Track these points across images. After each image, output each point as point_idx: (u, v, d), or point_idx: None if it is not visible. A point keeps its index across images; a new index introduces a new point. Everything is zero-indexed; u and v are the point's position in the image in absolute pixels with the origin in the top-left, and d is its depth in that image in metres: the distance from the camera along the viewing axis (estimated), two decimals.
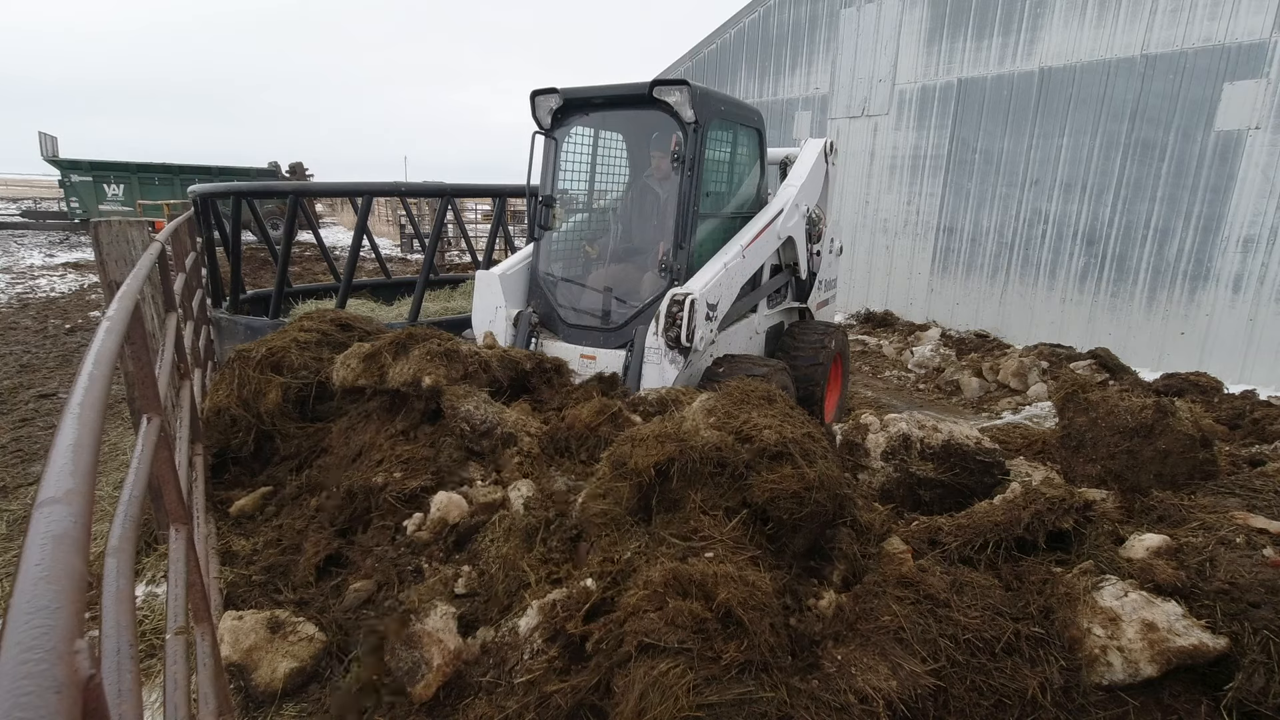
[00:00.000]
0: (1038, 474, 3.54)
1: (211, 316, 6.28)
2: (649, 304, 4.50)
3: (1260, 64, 6.97)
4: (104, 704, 0.58)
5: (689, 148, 4.37)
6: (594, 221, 5.45)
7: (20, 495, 4.54)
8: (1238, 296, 7.36)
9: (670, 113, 4.41)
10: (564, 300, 4.95)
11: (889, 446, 3.40)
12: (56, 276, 14.54)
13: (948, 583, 2.42)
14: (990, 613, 2.29)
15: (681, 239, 4.44)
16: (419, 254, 18.21)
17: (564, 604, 2.38)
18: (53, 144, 20.94)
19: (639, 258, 4.99)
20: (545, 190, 5.01)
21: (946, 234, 10.33)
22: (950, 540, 2.67)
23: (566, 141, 5.00)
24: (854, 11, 10.99)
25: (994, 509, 2.80)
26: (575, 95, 4.72)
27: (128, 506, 1.34)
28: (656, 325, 4.19)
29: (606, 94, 4.70)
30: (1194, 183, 7.58)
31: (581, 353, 4.59)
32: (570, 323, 4.84)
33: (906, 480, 3.32)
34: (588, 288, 4.99)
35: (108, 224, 3.15)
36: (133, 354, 1.88)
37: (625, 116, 5.04)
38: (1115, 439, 3.23)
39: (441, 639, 2.39)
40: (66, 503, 0.71)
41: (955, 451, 3.34)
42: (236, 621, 2.60)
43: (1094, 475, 3.28)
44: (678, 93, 4.31)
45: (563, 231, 5.23)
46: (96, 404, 0.98)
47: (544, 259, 5.08)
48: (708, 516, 2.50)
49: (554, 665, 2.22)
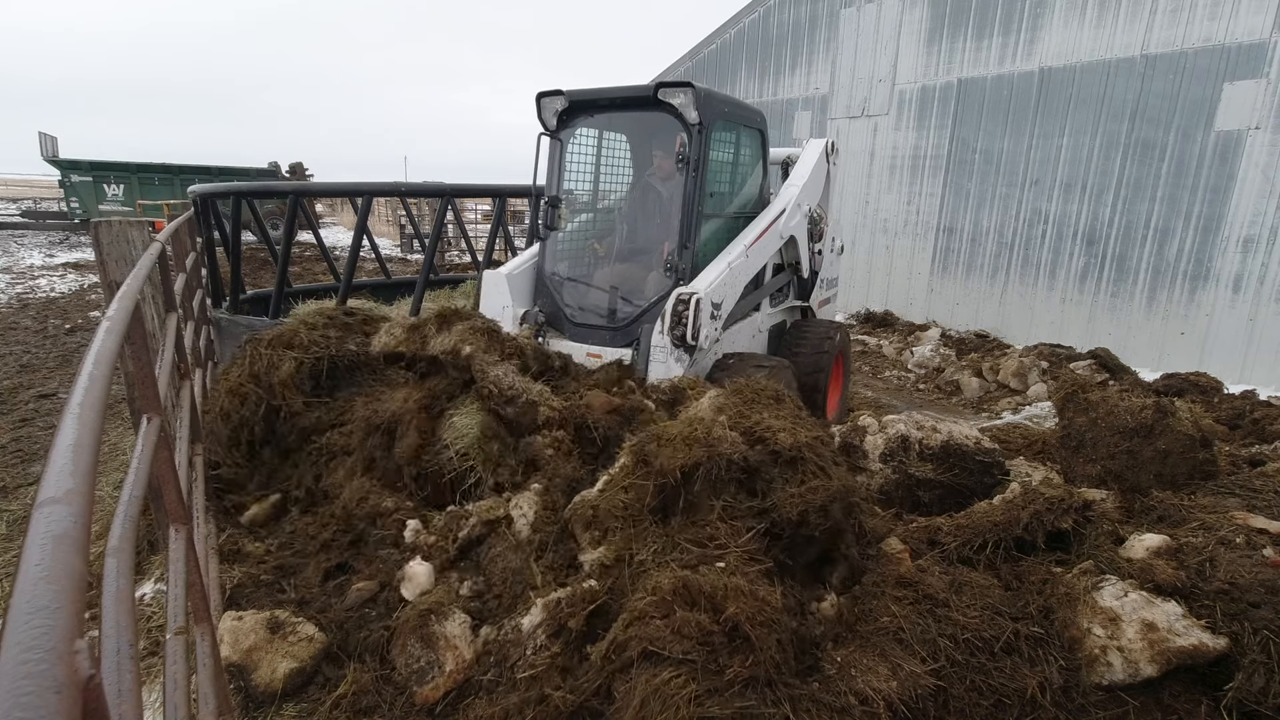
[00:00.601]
0: (1037, 474, 3.54)
1: (211, 316, 6.28)
2: (654, 303, 4.53)
3: (1260, 64, 6.97)
4: (104, 704, 0.58)
5: (693, 149, 4.41)
6: (599, 222, 5.48)
7: (20, 495, 4.54)
8: (1238, 296, 7.36)
9: (675, 114, 4.44)
10: (570, 299, 4.98)
11: (887, 448, 3.40)
12: (56, 276, 14.53)
13: (946, 583, 2.42)
14: (989, 612, 2.28)
15: (686, 238, 4.48)
16: (419, 254, 18.22)
17: (568, 601, 2.38)
18: (52, 144, 20.94)
19: (643, 257, 5.03)
20: (551, 191, 5.04)
21: (946, 234, 10.33)
22: (949, 540, 2.66)
23: (571, 142, 5.03)
24: (854, 11, 10.99)
25: (993, 509, 2.80)
26: (581, 97, 4.78)
27: (128, 506, 1.34)
28: (662, 324, 4.23)
29: (612, 96, 4.75)
30: (1194, 183, 7.58)
31: (588, 351, 4.61)
32: (576, 321, 4.86)
33: (905, 482, 3.31)
34: (593, 287, 5.01)
35: (108, 224, 3.16)
36: (133, 354, 1.88)
37: (630, 118, 5.07)
38: (1115, 439, 3.23)
39: (457, 646, 2.41)
40: (66, 503, 0.71)
41: (954, 452, 3.34)
42: (236, 622, 2.61)
43: (1094, 475, 3.28)
44: (682, 94, 4.35)
45: (568, 232, 5.26)
46: (96, 404, 0.98)
47: (549, 259, 5.10)
48: (725, 524, 2.49)
49: (556, 662, 2.22)
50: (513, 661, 2.33)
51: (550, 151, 5.00)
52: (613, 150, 5.37)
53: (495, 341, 3.74)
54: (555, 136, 4.95)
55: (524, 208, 19.56)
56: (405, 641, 2.46)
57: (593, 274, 5.13)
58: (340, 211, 32.63)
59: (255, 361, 3.89)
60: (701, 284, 4.30)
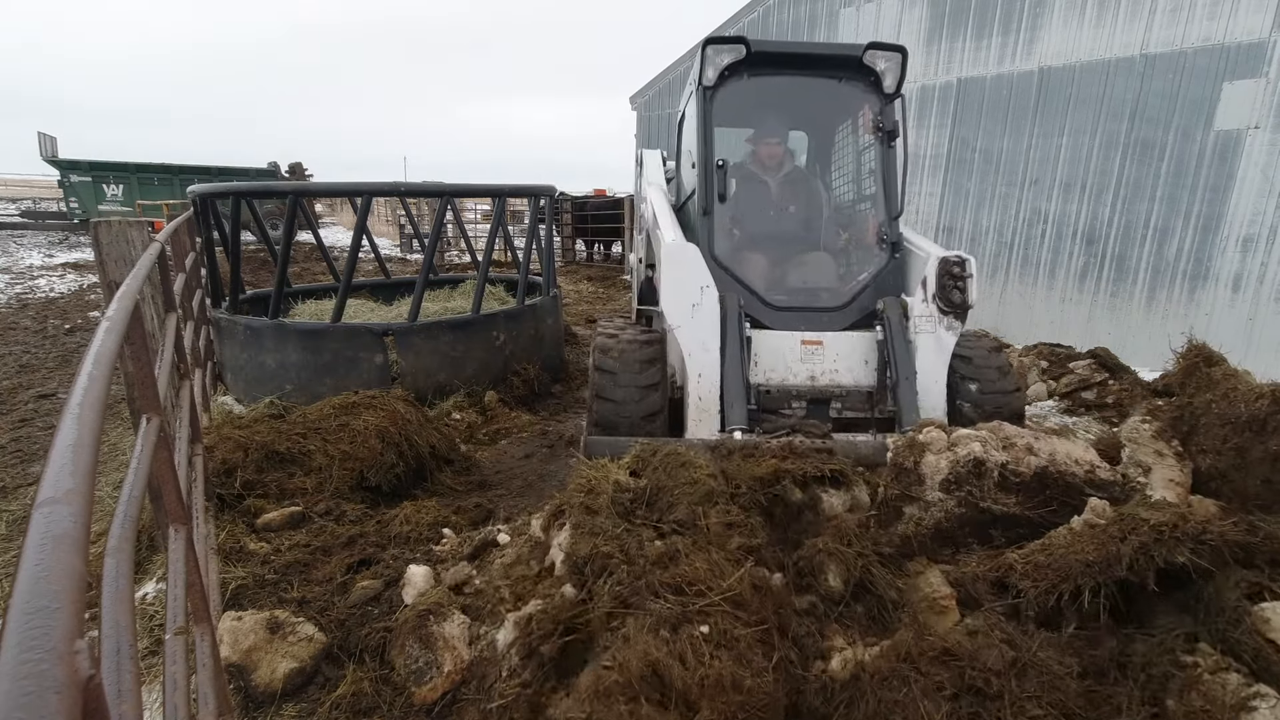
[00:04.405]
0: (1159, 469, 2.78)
1: (211, 316, 6.28)
2: (874, 277, 4.32)
3: (1260, 63, 6.97)
4: (104, 704, 0.58)
5: (892, 117, 4.36)
6: (749, 205, 4.81)
7: (20, 495, 4.54)
8: (1237, 296, 7.36)
9: (867, 81, 4.30)
10: (763, 280, 4.32)
11: (953, 474, 2.59)
12: (56, 277, 14.52)
13: (1006, 661, 1.74)
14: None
15: (895, 209, 4.44)
16: (418, 254, 18.21)
17: (538, 619, 2.20)
18: (52, 144, 20.92)
19: (834, 231, 4.75)
20: (711, 155, 4.33)
21: (946, 234, 10.32)
22: (1028, 585, 2.01)
23: (721, 102, 4.42)
24: (853, 11, 10.99)
25: (1077, 540, 2.12)
26: (766, 48, 4.26)
27: (127, 506, 1.34)
28: (924, 293, 3.96)
29: (803, 51, 4.41)
30: (1193, 182, 7.58)
31: (803, 339, 4.01)
32: (779, 306, 4.18)
33: (974, 518, 2.55)
34: (791, 265, 4.49)
35: (107, 224, 3.15)
36: (132, 354, 1.87)
37: (804, 83, 4.53)
38: (1225, 430, 2.67)
39: (456, 647, 2.39)
40: (66, 503, 0.71)
41: (1054, 483, 2.58)
42: (236, 622, 2.60)
43: (1203, 470, 2.75)
44: (886, 59, 4.19)
45: (734, 203, 4.53)
46: (96, 404, 0.98)
47: (721, 234, 4.37)
48: (705, 557, 2.07)
49: (525, 691, 2.09)
50: (490, 682, 2.21)
51: (700, 110, 4.36)
52: (765, 114, 4.85)
53: None
54: (714, 92, 4.31)
55: (523, 208, 19.55)
56: (404, 642, 2.46)
57: (782, 251, 4.58)
58: (340, 211, 32.62)
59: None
60: (935, 249, 4.15)
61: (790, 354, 3.96)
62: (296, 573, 3.14)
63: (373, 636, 2.65)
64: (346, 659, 2.61)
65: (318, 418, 4.42)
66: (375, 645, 2.62)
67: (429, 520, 3.65)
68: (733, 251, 4.41)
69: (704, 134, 4.32)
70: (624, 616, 1.99)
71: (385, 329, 5.92)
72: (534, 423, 6.00)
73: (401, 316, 6.51)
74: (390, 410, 4.53)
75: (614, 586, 2.07)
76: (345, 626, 2.74)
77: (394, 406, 4.59)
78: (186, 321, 3.76)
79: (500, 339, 6.49)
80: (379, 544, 3.38)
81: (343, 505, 3.83)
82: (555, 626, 2.13)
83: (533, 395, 6.61)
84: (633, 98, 16.88)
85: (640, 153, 6.72)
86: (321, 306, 7.55)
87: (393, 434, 4.35)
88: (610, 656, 1.88)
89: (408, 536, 3.47)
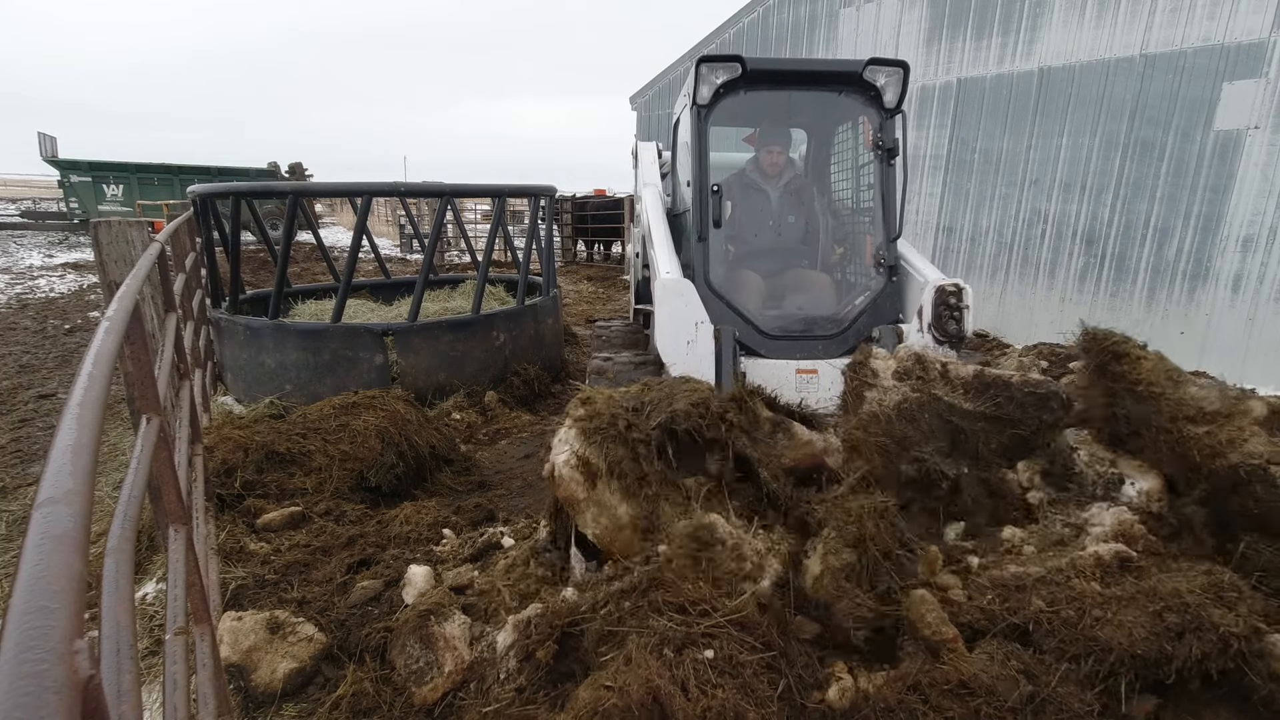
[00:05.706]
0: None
1: (211, 317, 6.28)
2: (870, 303, 4.21)
3: (1259, 64, 6.97)
4: (104, 704, 0.58)
5: (892, 133, 4.21)
6: (751, 216, 4.75)
7: (20, 495, 4.54)
8: (1237, 296, 7.36)
9: (867, 96, 4.20)
10: (758, 305, 4.20)
11: (901, 367, 2.80)
12: (56, 277, 14.52)
13: (1024, 696, 1.61)
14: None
15: (893, 230, 4.28)
16: (418, 254, 18.21)
17: (538, 622, 2.17)
18: (52, 144, 20.93)
19: (825, 254, 4.65)
20: (705, 179, 4.19)
21: (946, 234, 10.32)
22: (1053, 644, 1.76)
23: (714, 122, 4.33)
24: (853, 11, 10.99)
25: (1125, 613, 1.76)
26: (762, 66, 4.13)
27: (127, 506, 1.34)
28: (919, 321, 3.93)
29: (802, 68, 4.31)
30: (1193, 182, 7.58)
31: (798, 368, 3.95)
32: (773, 334, 4.09)
33: (931, 405, 2.54)
34: (785, 292, 4.37)
35: (107, 224, 3.15)
36: (132, 354, 1.87)
37: (802, 98, 4.44)
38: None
39: (457, 647, 2.39)
40: (66, 503, 0.71)
41: (992, 383, 2.69)
42: (236, 622, 2.60)
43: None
44: (888, 74, 4.10)
45: (728, 229, 4.41)
46: (96, 404, 0.98)
47: (716, 261, 4.23)
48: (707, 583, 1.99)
49: (520, 696, 2.07)
50: (488, 684, 2.20)
51: (694, 129, 4.20)
52: (764, 123, 4.78)
53: None
54: (708, 111, 4.17)
55: (523, 208, 19.55)
56: (405, 641, 2.46)
57: (774, 277, 4.45)
58: (340, 211, 32.62)
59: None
60: (934, 274, 4.06)
61: (785, 383, 3.83)
62: (296, 573, 3.15)
63: (373, 637, 2.65)
64: (347, 659, 2.62)
65: (318, 418, 4.43)
66: (375, 645, 2.62)
67: (429, 520, 3.66)
68: (728, 275, 4.33)
69: (698, 156, 4.20)
70: (626, 619, 1.96)
71: (385, 329, 5.92)
72: (534, 423, 6.00)
73: (401, 316, 6.51)
74: (390, 410, 4.53)
75: (615, 589, 2.08)
76: (345, 626, 2.74)
77: (394, 407, 4.60)
78: (186, 321, 3.76)
79: (500, 339, 6.49)
80: (379, 544, 3.39)
81: (343, 505, 3.84)
82: (553, 631, 2.11)
83: (532, 395, 6.61)
84: (633, 98, 16.89)
85: (635, 145, 6.70)
86: (321, 307, 7.56)
87: (393, 434, 4.36)
88: (611, 677, 1.82)
89: (408, 537, 3.48)
